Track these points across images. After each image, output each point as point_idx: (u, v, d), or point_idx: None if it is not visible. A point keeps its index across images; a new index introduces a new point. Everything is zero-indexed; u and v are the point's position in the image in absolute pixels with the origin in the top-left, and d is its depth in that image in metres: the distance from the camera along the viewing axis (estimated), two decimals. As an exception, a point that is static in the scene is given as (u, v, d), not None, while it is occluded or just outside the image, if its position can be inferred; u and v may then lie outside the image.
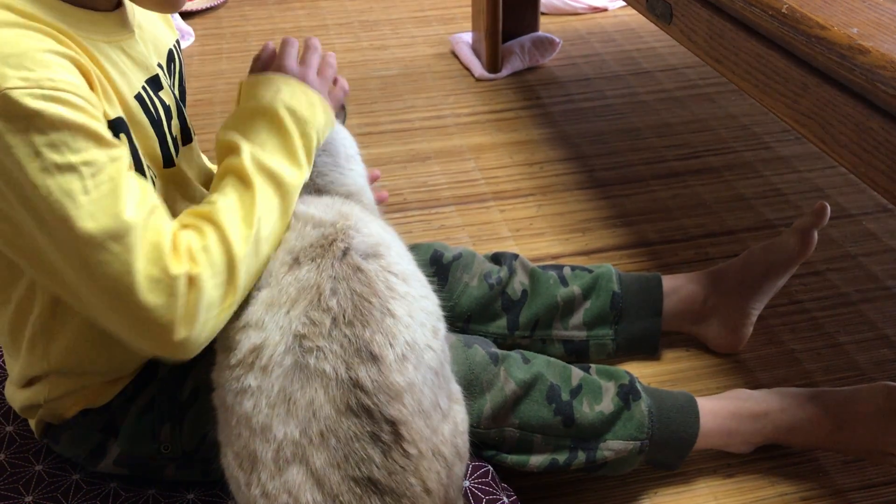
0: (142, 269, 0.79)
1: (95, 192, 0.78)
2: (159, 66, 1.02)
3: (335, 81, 1.12)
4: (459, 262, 1.33)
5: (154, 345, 0.83)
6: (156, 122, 0.96)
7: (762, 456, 1.24)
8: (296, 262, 0.87)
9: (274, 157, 0.92)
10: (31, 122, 0.76)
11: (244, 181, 0.90)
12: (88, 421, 1.03)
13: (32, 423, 1.08)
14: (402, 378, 0.82)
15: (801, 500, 1.19)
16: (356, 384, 0.80)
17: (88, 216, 0.78)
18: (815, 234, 1.34)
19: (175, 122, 1.02)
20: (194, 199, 1.04)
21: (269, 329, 0.83)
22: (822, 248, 1.65)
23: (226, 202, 0.88)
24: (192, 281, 0.81)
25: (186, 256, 0.82)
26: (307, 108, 0.97)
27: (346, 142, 1.10)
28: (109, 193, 0.79)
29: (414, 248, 1.37)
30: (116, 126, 0.87)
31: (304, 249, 0.88)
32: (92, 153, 0.79)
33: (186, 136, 1.06)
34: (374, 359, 0.81)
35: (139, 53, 0.97)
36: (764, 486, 1.21)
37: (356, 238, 0.88)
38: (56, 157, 0.77)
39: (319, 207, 0.93)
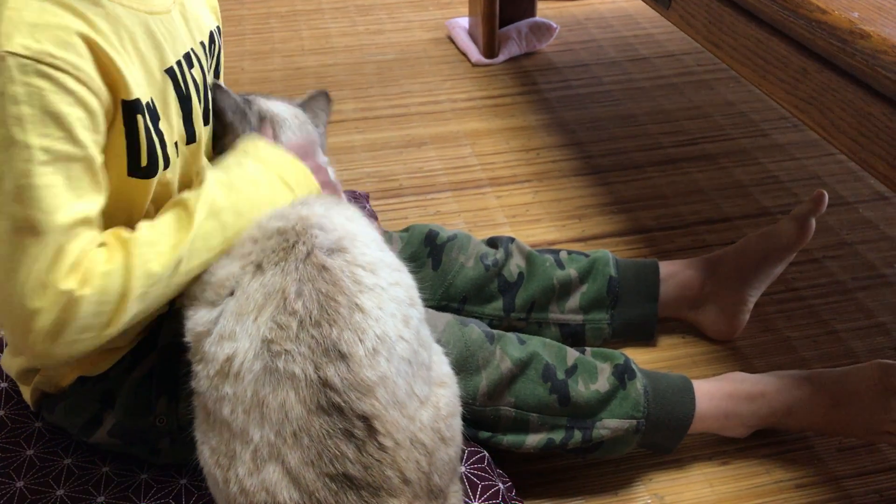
0: (37, 270, 0.78)
1: (37, 180, 0.77)
2: (201, 44, 1.02)
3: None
4: (455, 243, 1.33)
5: (19, 342, 0.83)
6: (184, 98, 0.96)
7: (758, 443, 1.24)
8: (259, 268, 0.87)
9: (238, 210, 0.91)
10: (11, 88, 0.75)
11: (183, 222, 0.88)
12: (85, 390, 1.03)
13: (27, 392, 1.07)
14: (374, 373, 0.82)
15: (797, 488, 1.19)
16: (325, 384, 0.81)
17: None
18: (813, 222, 1.33)
19: (203, 96, 1.02)
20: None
21: (240, 338, 0.84)
22: (818, 236, 1.65)
23: (152, 235, 0.87)
24: (73, 302, 0.80)
25: (81, 276, 0.81)
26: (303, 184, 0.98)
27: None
28: (49, 187, 0.78)
29: (408, 229, 1.37)
30: (134, 108, 0.86)
31: (267, 256, 0.87)
32: (55, 143, 0.78)
33: (208, 116, 1.05)
34: (343, 357, 0.82)
35: (177, 28, 0.96)
36: (759, 472, 1.21)
37: (319, 236, 0.88)
38: (17, 132, 0.76)
39: (278, 215, 0.92)
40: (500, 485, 1.05)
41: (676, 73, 2.32)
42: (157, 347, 1.03)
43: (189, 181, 0.99)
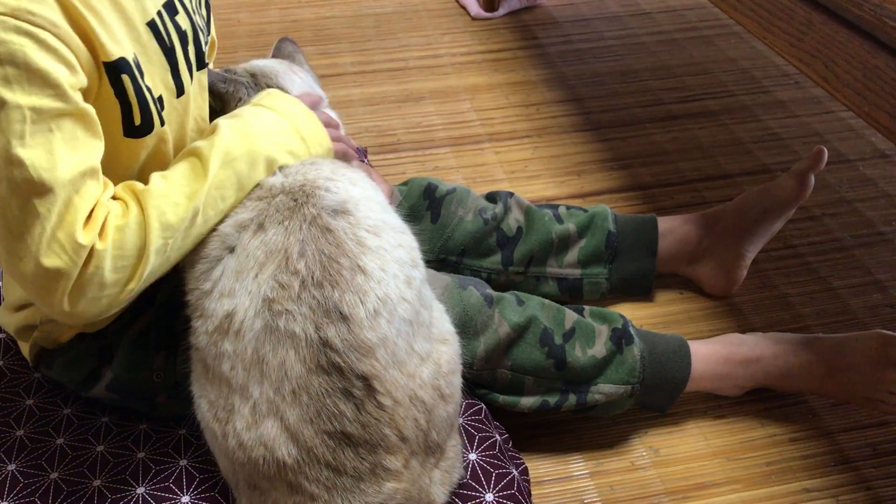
0: (50, 228, 0.77)
1: (31, 140, 0.76)
2: None
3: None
4: (454, 196, 1.32)
5: (44, 305, 0.82)
6: (168, 50, 0.93)
7: (752, 398, 1.24)
8: (260, 227, 0.87)
9: (253, 159, 0.90)
10: None
11: (198, 171, 0.87)
12: (83, 346, 1.03)
13: (26, 347, 1.07)
14: (374, 334, 0.82)
15: (790, 441, 1.20)
16: (326, 344, 0.81)
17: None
18: (812, 178, 1.32)
19: (191, 47, 0.99)
20: (196, 135, 1.02)
21: (239, 295, 0.84)
22: (818, 194, 1.65)
23: (166, 187, 0.86)
24: (93, 256, 0.79)
25: (98, 229, 0.80)
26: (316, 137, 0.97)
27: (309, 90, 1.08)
28: (45, 144, 0.77)
29: (407, 183, 1.36)
30: (119, 67, 0.84)
31: (270, 215, 0.87)
32: (43, 100, 0.76)
33: (201, 61, 1.03)
34: (344, 318, 0.82)
35: None
36: (754, 426, 1.22)
37: (326, 198, 0.87)
38: (5, 93, 0.75)
39: (285, 175, 0.91)
40: (498, 437, 1.06)
41: (678, 28, 2.29)
42: (155, 304, 1.03)
43: (182, 137, 0.97)
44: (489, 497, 0.97)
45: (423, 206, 1.32)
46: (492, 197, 1.37)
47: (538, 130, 1.88)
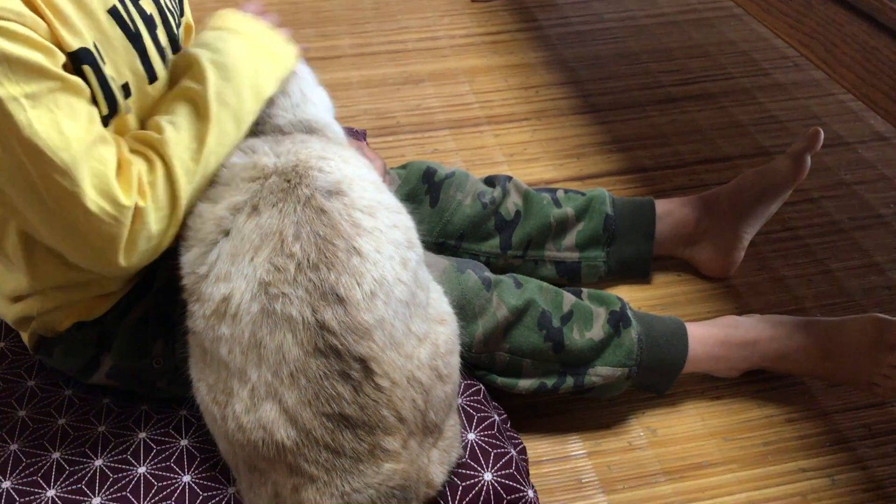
0: (91, 199, 0.81)
1: (38, 125, 0.78)
2: None
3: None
4: (452, 181, 1.32)
5: (99, 268, 0.88)
6: (134, 37, 0.92)
7: (749, 379, 1.25)
8: (255, 209, 0.87)
9: (239, 91, 0.93)
10: None
11: (201, 113, 0.90)
12: (82, 334, 1.03)
13: (25, 336, 1.08)
14: (371, 316, 0.82)
15: (787, 422, 1.21)
16: (323, 326, 0.81)
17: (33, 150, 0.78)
18: (808, 160, 1.33)
19: (161, 31, 0.98)
20: None
21: (235, 279, 0.84)
22: (816, 176, 1.65)
23: (179, 135, 0.89)
24: (139, 213, 0.85)
25: (136, 188, 0.84)
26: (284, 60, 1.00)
27: (302, 80, 1.08)
28: (52, 125, 0.79)
29: (406, 166, 1.36)
30: (80, 58, 0.84)
31: (264, 197, 0.87)
32: (33, 85, 0.78)
33: (175, 45, 1.03)
34: (341, 301, 0.82)
35: None
36: (751, 407, 1.23)
37: (319, 179, 0.87)
38: None
39: (277, 155, 0.92)
40: (496, 417, 1.06)
41: (678, 10, 2.28)
42: (152, 290, 1.03)
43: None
44: (487, 476, 0.97)
45: (421, 191, 1.32)
46: (490, 181, 1.37)
47: (537, 113, 1.88)
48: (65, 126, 0.80)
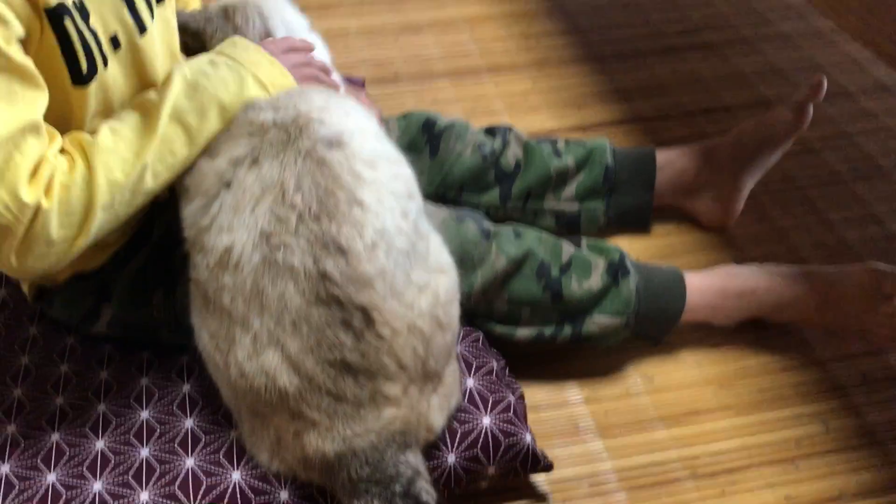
0: None
1: None
2: None
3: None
4: (452, 131, 1.31)
5: None
6: None
7: (746, 328, 1.26)
8: (255, 161, 0.86)
9: (203, 110, 0.89)
10: None
11: (149, 126, 0.86)
12: (82, 285, 1.04)
13: (25, 286, 1.08)
14: (372, 266, 0.83)
15: (782, 370, 1.22)
16: (324, 276, 0.82)
17: None
18: (811, 109, 1.32)
19: None
20: (160, 78, 0.99)
21: (237, 229, 0.84)
22: (817, 127, 1.64)
23: (115, 142, 0.85)
24: (39, 214, 0.79)
25: (43, 187, 0.79)
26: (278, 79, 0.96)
27: (294, 29, 1.06)
28: None
29: (406, 116, 1.36)
30: (58, 13, 0.81)
31: (265, 149, 0.87)
32: None
33: None
34: (342, 251, 0.82)
35: None
36: (747, 355, 1.24)
37: (320, 131, 0.87)
38: None
39: (276, 109, 0.90)
40: (495, 363, 1.08)
41: (682, -43, 2.24)
42: (151, 241, 1.03)
43: (150, 77, 0.95)
44: (486, 420, 0.99)
45: (421, 141, 1.31)
46: (490, 131, 1.36)
47: (538, 62, 1.86)
48: None
